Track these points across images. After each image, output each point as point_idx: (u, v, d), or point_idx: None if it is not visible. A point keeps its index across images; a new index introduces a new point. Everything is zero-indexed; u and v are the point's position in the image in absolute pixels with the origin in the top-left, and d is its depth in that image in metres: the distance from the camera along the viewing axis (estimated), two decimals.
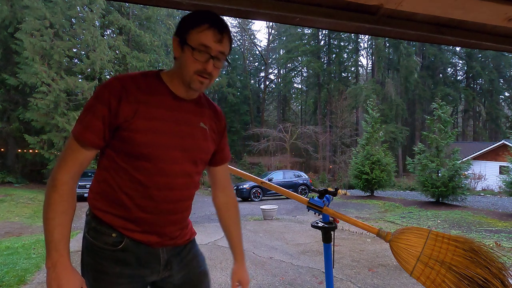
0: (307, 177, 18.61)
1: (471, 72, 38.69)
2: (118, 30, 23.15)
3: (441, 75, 40.02)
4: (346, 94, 32.77)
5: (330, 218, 1.87)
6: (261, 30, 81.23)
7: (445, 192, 11.76)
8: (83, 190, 15.57)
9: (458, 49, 37.29)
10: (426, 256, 1.53)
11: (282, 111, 44.72)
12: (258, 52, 44.90)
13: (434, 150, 12.42)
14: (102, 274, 1.09)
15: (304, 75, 43.78)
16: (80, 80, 19.46)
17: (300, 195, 1.97)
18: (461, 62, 41.60)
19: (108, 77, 24.08)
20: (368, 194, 15.51)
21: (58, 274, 0.95)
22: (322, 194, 1.87)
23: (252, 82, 44.80)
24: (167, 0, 1.62)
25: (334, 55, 38.66)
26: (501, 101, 41.16)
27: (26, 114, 18.16)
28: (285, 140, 28.38)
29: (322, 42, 39.31)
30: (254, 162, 29.10)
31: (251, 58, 45.44)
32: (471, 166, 13.26)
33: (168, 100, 1.10)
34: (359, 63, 40.78)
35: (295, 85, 44.89)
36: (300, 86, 44.95)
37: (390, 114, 32.43)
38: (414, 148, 13.51)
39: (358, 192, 16.69)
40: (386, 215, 10.57)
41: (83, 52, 20.12)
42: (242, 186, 15.61)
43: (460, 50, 38.07)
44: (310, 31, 37.12)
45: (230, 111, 39.46)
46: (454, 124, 37.71)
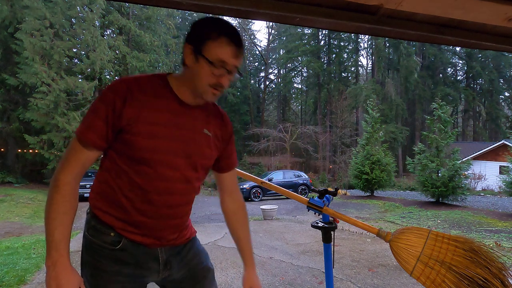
0: (307, 177, 18.62)
1: (471, 72, 38.70)
2: (118, 30, 23.14)
3: (441, 75, 40.03)
4: (346, 94, 32.78)
5: (330, 218, 1.87)
6: (261, 30, 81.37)
7: (445, 192, 11.76)
8: (83, 190, 15.53)
9: (458, 49, 37.31)
10: (426, 256, 1.53)
11: (282, 111, 44.72)
12: (258, 52, 44.90)
13: (434, 150, 12.42)
14: (100, 272, 1.10)
15: (304, 75, 43.81)
16: (80, 80, 19.45)
17: (300, 195, 1.97)
18: (461, 62, 41.61)
19: (108, 77, 24.08)
20: (368, 194, 15.51)
21: (58, 273, 0.96)
22: (322, 194, 1.87)
23: (252, 82, 44.79)
24: (167, 0, 1.62)
25: (334, 55, 38.67)
26: (501, 101, 41.17)
27: (26, 114, 18.16)
28: (285, 140, 28.39)
29: (322, 42, 39.32)
30: (254, 162, 29.10)
31: (251, 58, 45.42)
32: (471, 166, 13.26)
33: (172, 105, 1.09)
34: (359, 63, 40.82)
35: (295, 85, 44.92)
36: (300, 86, 44.97)
37: (390, 114, 32.44)
38: (414, 148, 13.51)
39: (358, 192, 16.69)
40: (386, 215, 10.57)
41: (83, 52, 20.11)
42: (242, 186, 15.61)
43: (460, 50, 38.08)
44: (310, 31, 37.12)
45: (230, 111, 39.42)
46: (454, 124, 37.72)
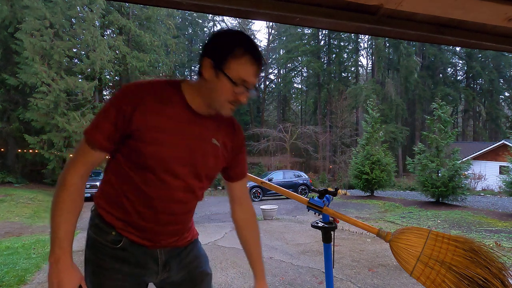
0: (307, 177, 18.62)
1: (471, 72, 38.70)
2: (118, 30, 23.15)
3: (441, 75, 40.03)
4: (346, 94, 32.78)
5: (330, 218, 1.87)
6: (261, 30, 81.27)
7: (445, 192, 11.76)
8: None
9: (458, 49, 37.31)
10: (426, 256, 1.53)
11: (282, 111, 44.70)
12: None
13: (434, 150, 12.42)
14: (102, 269, 1.12)
15: (304, 75, 43.78)
16: (80, 80, 19.46)
17: (300, 195, 1.97)
18: (461, 62, 41.62)
19: (108, 77, 24.11)
20: (368, 194, 15.50)
21: (60, 270, 0.99)
22: (322, 194, 1.87)
23: None
24: (167, 0, 1.62)
25: (334, 55, 38.66)
26: (501, 101, 41.16)
27: (26, 114, 18.16)
28: (285, 140, 28.39)
29: (322, 42, 39.31)
30: (254, 162, 29.09)
31: None
32: (471, 166, 13.26)
33: (182, 113, 1.08)
34: (359, 63, 40.82)
35: (295, 85, 44.90)
36: (300, 86, 44.95)
37: (390, 114, 32.44)
38: (414, 148, 13.51)
39: (358, 192, 16.69)
40: (386, 215, 10.57)
41: (83, 52, 20.12)
42: None
43: (460, 50, 38.08)
44: (310, 31, 37.12)
45: None
46: (454, 124, 37.71)
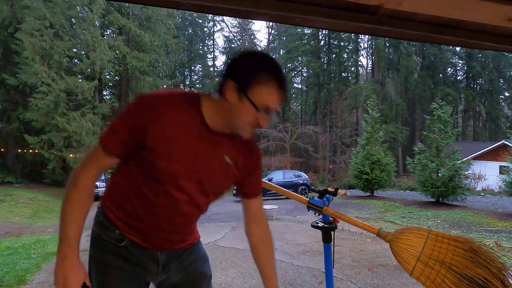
0: (307, 177, 18.60)
1: (471, 72, 38.69)
2: (118, 30, 23.14)
3: (441, 75, 40.02)
4: (346, 94, 32.78)
5: (330, 218, 1.87)
6: (261, 30, 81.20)
7: (445, 192, 11.75)
8: None
9: (458, 49, 37.30)
10: (426, 256, 1.53)
11: (282, 111, 44.65)
12: None
13: (434, 150, 12.41)
14: (106, 266, 1.15)
15: (304, 75, 43.78)
16: (80, 80, 19.46)
17: (300, 195, 1.97)
18: (461, 62, 41.60)
19: (108, 77, 24.09)
20: (368, 194, 15.50)
21: (66, 267, 1.01)
22: (322, 194, 1.87)
23: None
24: (167, 0, 1.62)
25: (334, 55, 38.65)
26: (501, 101, 41.15)
27: (26, 114, 18.15)
28: (285, 140, 28.39)
29: (322, 42, 39.30)
30: None
31: None
32: (471, 166, 13.26)
33: (198, 130, 1.06)
34: (359, 63, 40.82)
35: (295, 85, 44.85)
36: (300, 86, 44.93)
37: (390, 114, 32.43)
38: (414, 148, 13.51)
39: (358, 192, 16.68)
40: (386, 215, 10.57)
41: (83, 52, 20.11)
42: None
43: (460, 50, 38.08)
44: (310, 31, 37.11)
45: None
46: (454, 124, 37.70)
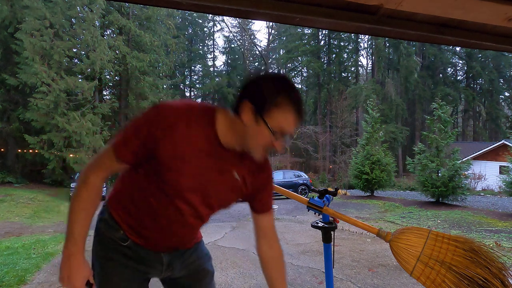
0: (307, 177, 18.60)
1: (471, 72, 38.68)
2: (118, 30, 23.12)
3: (441, 75, 40.02)
4: (346, 94, 32.77)
5: (330, 218, 1.87)
6: (261, 30, 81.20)
7: (445, 192, 11.75)
8: None
9: (458, 49, 37.30)
10: (426, 256, 1.53)
11: None
12: (258, 52, 44.90)
13: (434, 150, 12.41)
14: (110, 263, 1.18)
15: (304, 75, 43.78)
16: (80, 80, 19.46)
17: (300, 195, 1.97)
18: (461, 62, 41.60)
19: (108, 77, 24.07)
20: (368, 194, 15.50)
21: (71, 265, 1.04)
22: (322, 194, 1.87)
23: None
24: (167, 0, 1.62)
25: (334, 55, 38.64)
26: (501, 101, 41.15)
27: (26, 114, 18.15)
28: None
29: (322, 42, 39.30)
30: None
31: (251, 58, 45.41)
32: (471, 166, 13.25)
33: (210, 145, 1.05)
34: (359, 63, 40.80)
35: (295, 85, 44.82)
36: (300, 86, 44.91)
37: (390, 114, 32.43)
38: (414, 148, 13.50)
39: (358, 192, 16.68)
40: (386, 215, 10.57)
41: (83, 52, 20.11)
42: None
43: (460, 50, 38.07)
44: (310, 31, 37.11)
45: None
46: (454, 124, 37.69)
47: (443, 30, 1.79)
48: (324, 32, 36.59)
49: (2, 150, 20.46)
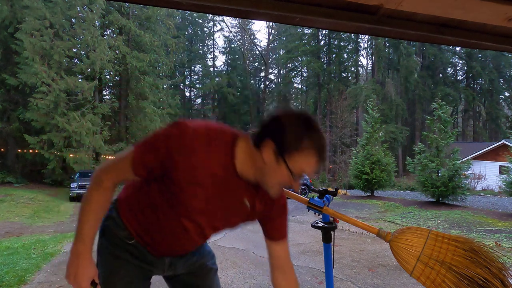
0: (307, 177, 18.55)
1: (471, 72, 38.67)
2: (118, 30, 23.12)
3: (441, 75, 40.01)
4: (346, 94, 32.75)
5: (330, 218, 1.87)
6: (261, 30, 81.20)
7: (445, 192, 11.75)
8: (84, 190, 15.55)
9: (458, 49, 37.28)
10: (426, 256, 1.53)
11: None
12: (258, 52, 44.91)
13: (434, 150, 12.41)
14: (114, 259, 1.21)
15: (304, 75, 43.76)
16: (80, 80, 19.46)
17: (300, 195, 1.97)
18: (461, 62, 41.58)
19: (108, 77, 24.06)
20: (368, 194, 15.49)
21: (78, 264, 1.06)
22: (322, 194, 1.87)
23: (252, 82, 44.81)
24: (167, 0, 1.62)
25: (334, 55, 38.63)
26: (501, 101, 41.14)
27: (26, 114, 18.16)
28: None
29: (322, 42, 39.29)
30: None
31: (251, 58, 45.42)
32: (471, 166, 13.25)
33: (225, 172, 1.05)
34: (359, 63, 40.78)
35: (295, 85, 44.88)
36: (300, 86, 44.95)
37: (390, 114, 32.42)
38: (414, 148, 13.50)
39: (358, 192, 16.67)
40: (386, 215, 10.57)
41: (83, 52, 20.12)
42: None
43: (460, 50, 38.06)
44: (310, 31, 37.10)
45: (230, 111, 39.43)
46: (454, 124, 37.69)
47: (443, 30, 1.79)
48: (324, 32, 36.59)
49: (2, 150, 20.47)
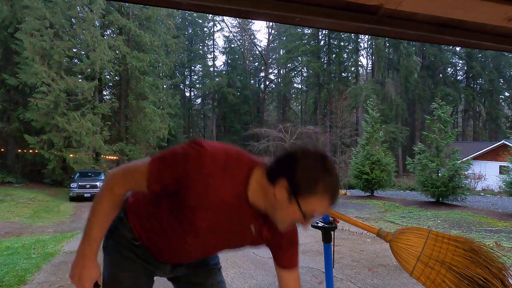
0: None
1: (471, 72, 38.67)
2: (118, 30, 23.12)
3: (441, 75, 40.00)
4: (346, 94, 32.72)
5: (330, 218, 1.87)
6: (261, 30, 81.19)
7: (445, 192, 11.75)
8: (84, 190, 15.55)
9: (458, 49, 37.27)
10: (426, 256, 1.53)
11: (282, 111, 44.70)
12: (258, 52, 44.91)
13: (434, 150, 12.41)
14: (119, 257, 1.24)
15: (304, 75, 43.78)
16: (80, 80, 19.47)
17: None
18: (461, 62, 41.58)
19: (108, 77, 24.05)
20: (368, 194, 15.50)
21: (84, 264, 1.08)
22: None
23: (252, 82, 44.81)
24: (167, 0, 1.62)
25: (334, 55, 38.64)
26: (501, 101, 41.14)
27: (26, 114, 18.16)
28: (285, 140, 28.37)
29: (322, 42, 39.29)
30: None
31: (251, 58, 45.42)
32: (471, 166, 13.26)
33: (237, 200, 1.06)
34: (359, 63, 40.78)
35: (295, 85, 44.90)
36: (300, 86, 44.96)
37: (390, 114, 32.42)
38: (414, 148, 13.50)
39: (358, 192, 16.68)
40: (386, 215, 10.58)
41: (83, 52, 20.12)
42: None
43: (460, 50, 38.05)
44: (310, 31, 37.09)
45: (230, 111, 39.41)
46: (454, 124, 37.67)
47: (443, 30, 1.78)
48: (324, 32, 36.58)
49: (2, 150, 20.47)
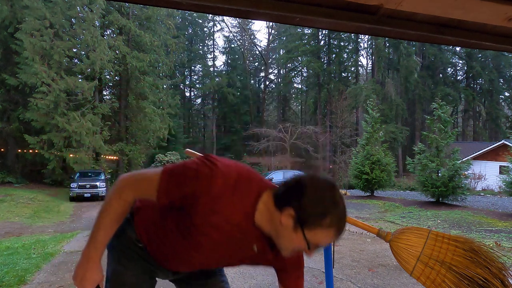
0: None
1: (471, 72, 38.66)
2: (118, 30, 23.12)
3: (441, 75, 40.00)
4: (346, 94, 32.72)
5: None
6: (261, 30, 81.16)
7: (445, 192, 11.75)
8: (84, 190, 15.56)
9: (458, 49, 37.27)
10: (426, 256, 1.53)
11: (282, 111, 44.69)
12: (258, 52, 44.89)
13: (434, 150, 12.41)
14: (124, 257, 1.26)
15: (304, 75, 43.78)
16: (80, 80, 19.46)
17: None
18: (461, 62, 41.57)
19: (108, 77, 24.04)
20: (368, 194, 15.50)
21: (87, 267, 1.09)
22: None
23: (252, 82, 44.79)
24: (167, 0, 1.62)
25: (334, 55, 38.63)
26: (501, 101, 41.13)
27: (26, 114, 18.16)
28: (285, 140, 28.36)
29: (322, 42, 39.29)
30: (254, 162, 29.07)
31: (251, 58, 45.41)
32: (471, 166, 13.26)
33: (243, 222, 1.06)
34: (359, 63, 40.78)
35: (295, 85, 44.90)
36: (300, 86, 44.95)
37: (390, 114, 32.41)
38: (414, 148, 13.51)
39: (358, 192, 16.68)
40: (386, 215, 10.58)
41: (83, 52, 20.11)
42: None
43: (460, 50, 38.04)
44: (310, 31, 37.09)
45: (230, 111, 39.39)
46: (454, 124, 37.66)
47: (443, 30, 1.78)
48: (324, 32, 36.58)
49: (2, 150, 20.47)
